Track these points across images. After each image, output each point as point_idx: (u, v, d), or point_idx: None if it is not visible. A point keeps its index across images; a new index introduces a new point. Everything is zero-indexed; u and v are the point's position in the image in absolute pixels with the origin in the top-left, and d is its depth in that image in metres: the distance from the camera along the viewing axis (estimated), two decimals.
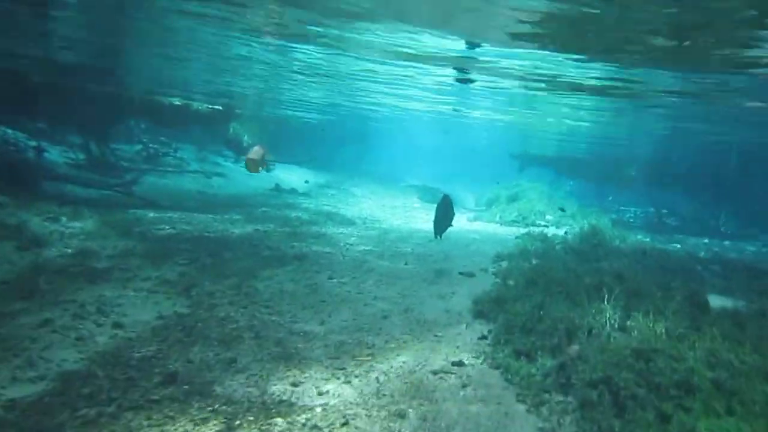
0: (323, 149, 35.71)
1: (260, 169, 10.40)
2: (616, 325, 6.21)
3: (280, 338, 7.31)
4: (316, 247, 13.09)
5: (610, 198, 27.61)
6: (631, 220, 22.69)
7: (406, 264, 12.06)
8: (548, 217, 19.43)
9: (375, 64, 15.17)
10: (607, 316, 6.24)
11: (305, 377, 6.25)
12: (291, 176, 28.52)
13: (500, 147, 40.12)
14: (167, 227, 13.26)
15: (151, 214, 14.59)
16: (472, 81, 15.61)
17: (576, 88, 15.28)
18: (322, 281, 10.11)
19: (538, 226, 18.49)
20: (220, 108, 19.36)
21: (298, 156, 27.48)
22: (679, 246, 17.92)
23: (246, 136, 18.98)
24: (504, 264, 12.11)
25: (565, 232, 16.33)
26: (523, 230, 17.46)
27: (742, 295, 9.39)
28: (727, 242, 20.36)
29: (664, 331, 5.52)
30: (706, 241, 20.27)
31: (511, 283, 9.56)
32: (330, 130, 37.47)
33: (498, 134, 34.72)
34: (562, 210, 18.60)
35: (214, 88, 21.23)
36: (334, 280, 10.26)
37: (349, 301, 9.06)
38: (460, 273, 11.31)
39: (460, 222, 19.73)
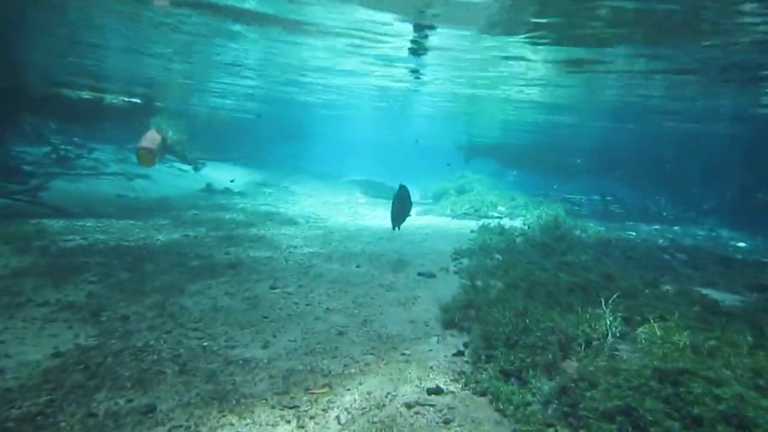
0: (259, 146, 33.82)
1: (157, 161, 8.62)
2: (618, 334, 5.26)
3: (212, 371, 5.91)
4: (255, 251, 11.63)
5: (555, 187, 27.44)
6: (577, 209, 22.47)
7: (358, 266, 10.82)
8: (500, 208, 18.74)
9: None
10: (607, 323, 5.28)
11: (246, 424, 4.91)
12: (224, 175, 26.59)
13: (444, 138, 39.43)
14: (77, 238, 11.40)
15: (59, 224, 12.62)
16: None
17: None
18: (263, 292, 8.72)
19: (492, 217, 17.74)
20: (138, 101, 17.28)
21: (231, 153, 25.61)
22: (634, 234, 17.66)
23: (171, 132, 17.08)
24: (465, 261, 11.12)
25: (524, 224, 15.62)
26: (476, 223, 16.63)
27: (728, 288, 8.81)
28: (676, 228, 20.44)
29: (686, 342, 4.58)
30: (657, 227, 20.26)
31: (479, 283, 8.52)
32: (266, 125, 35.55)
33: (441, 125, 33.95)
34: (579, 206, 17.80)
35: (130, 75, 18.90)
36: (278, 290, 8.89)
37: (297, 316, 7.73)
38: (420, 274, 10.20)
39: (410, 216, 18.73)
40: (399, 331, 7.21)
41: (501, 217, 17.83)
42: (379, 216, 19.54)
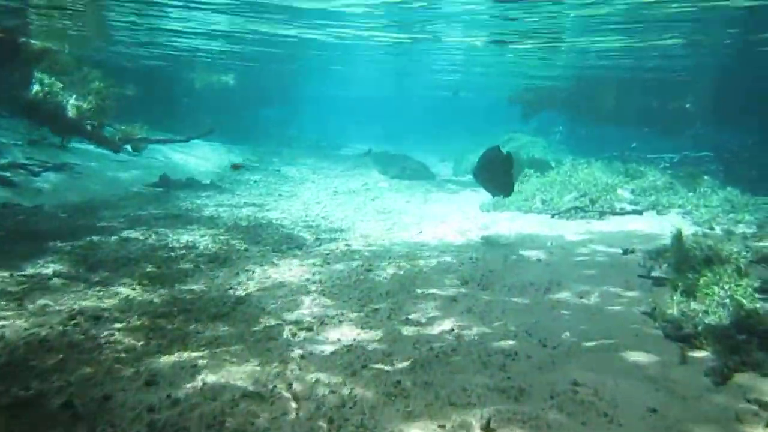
0: (233, 113, 26.43)
1: None
2: None
3: None
4: (216, 373, 4.71)
5: (634, 145, 20.60)
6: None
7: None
8: (623, 193, 11.82)
9: None
10: None
11: None
12: (190, 158, 19.41)
13: (485, 91, 31.57)
14: None
15: None
16: None
17: None
18: None
19: (622, 213, 10.91)
20: None
21: (197, 126, 18.47)
22: None
23: (73, 99, 9.76)
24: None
25: (715, 227, 8.82)
26: (607, 226, 9.87)
27: None
28: None
29: None
30: None
31: None
32: (244, 87, 28.01)
33: (481, 73, 26.04)
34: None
35: None
36: None
37: None
38: None
39: (471, 219, 11.96)
40: None
41: (639, 211, 10.97)
42: (425, 214, 12.67)
